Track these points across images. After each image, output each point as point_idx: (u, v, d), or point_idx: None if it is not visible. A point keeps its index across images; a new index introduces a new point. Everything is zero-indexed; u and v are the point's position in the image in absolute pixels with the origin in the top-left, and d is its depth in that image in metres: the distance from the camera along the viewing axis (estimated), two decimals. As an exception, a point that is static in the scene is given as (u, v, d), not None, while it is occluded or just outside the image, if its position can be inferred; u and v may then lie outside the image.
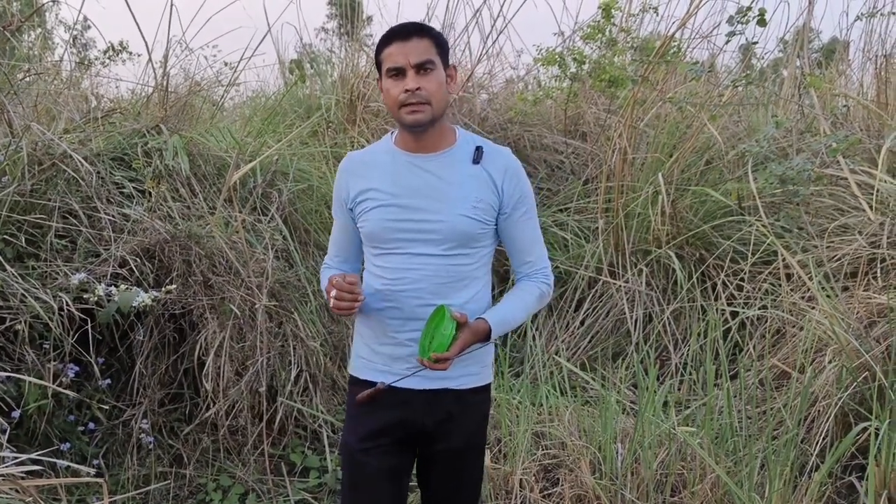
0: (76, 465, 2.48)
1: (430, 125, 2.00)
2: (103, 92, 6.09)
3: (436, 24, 5.97)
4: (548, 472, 3.21)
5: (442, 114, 2.03)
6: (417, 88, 1.93)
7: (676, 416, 3.33)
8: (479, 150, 2.08)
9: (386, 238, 2.05)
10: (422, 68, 1.95)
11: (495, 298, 2.21)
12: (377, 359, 2.12)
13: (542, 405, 3.55)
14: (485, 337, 2.01)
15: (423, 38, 1.97)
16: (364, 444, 2.13)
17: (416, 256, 2.03)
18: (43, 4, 6.03)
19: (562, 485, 3.07)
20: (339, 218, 2.21)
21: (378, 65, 2.04)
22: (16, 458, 2.53)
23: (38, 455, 2.38)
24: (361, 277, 2.18)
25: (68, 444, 3.36)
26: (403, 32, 1.97)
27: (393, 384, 2.04)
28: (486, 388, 2.21)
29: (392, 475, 2.16)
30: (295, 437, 3.87)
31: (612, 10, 5.81)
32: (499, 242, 2.19)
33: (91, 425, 3.53)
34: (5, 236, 3.54)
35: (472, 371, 2.14)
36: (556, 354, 4.29)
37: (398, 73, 1.96)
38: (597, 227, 4.93)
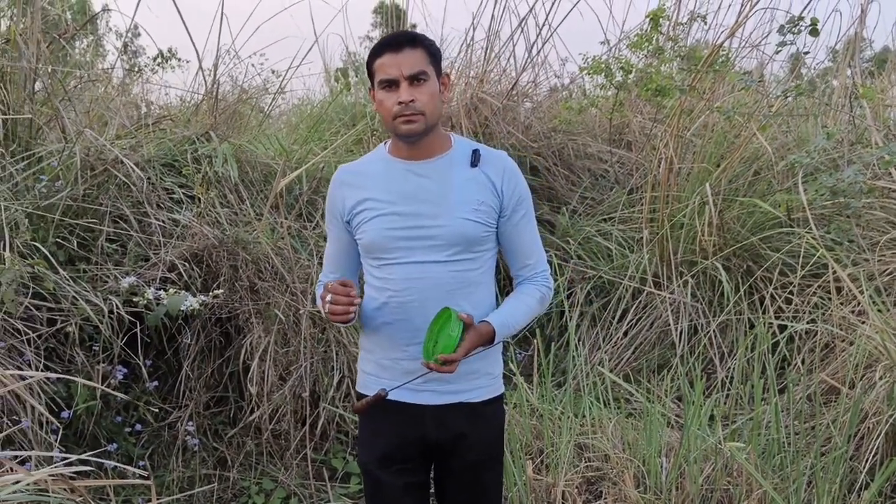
0: (124, 466, 2.52)
1: (425, 134, 1.98)
2: (153, 99, 6.22)
3: (481, 33, 5.98)
4: (591, 484, 3.18)
5: (436, 123, 2.01)
6: (411, 100, 1.92)
7: (722, 430, 3.28)
8: (476, 153, 2.06)
9: (387, 247, 2.01)
10: (415, 79, 1.93)
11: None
12: (385, 374, 2.09)
13: (584, 416, 3.52)
14: (489, 339, 1.99)
15: (415, 48, 1.94)
16: (381, 463, 2.13)
17: (421, 265, 2.00)
18: (97, 13, 6.17)
19: (605, 498, 3.04)
20: (334, 232, 2.17)
21: (370, 75, 2.01)
22: (64, 458, 2.58)
23: (87, 456, 2.42)
24: (362, 291, 2.16)
25: (115, 445, 3.42)
26: (395, 43, 1.94)
27: (396, 397, 1.99)
28: (499, 398, 2.18)
29: (412, 491, 2.16)
30: (337, 442, 3.89)
31: (660, 20, 5.76)
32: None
33: (138, 427, 3.59)
34: (58, 240, 3.62)
35: (483, 383, 2.11)
36: (599, 365, 4.25)
37: (391, 84, 1.93)
38: (641, 238, 4.88)
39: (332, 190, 2.13)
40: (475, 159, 2.05)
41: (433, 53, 1.99)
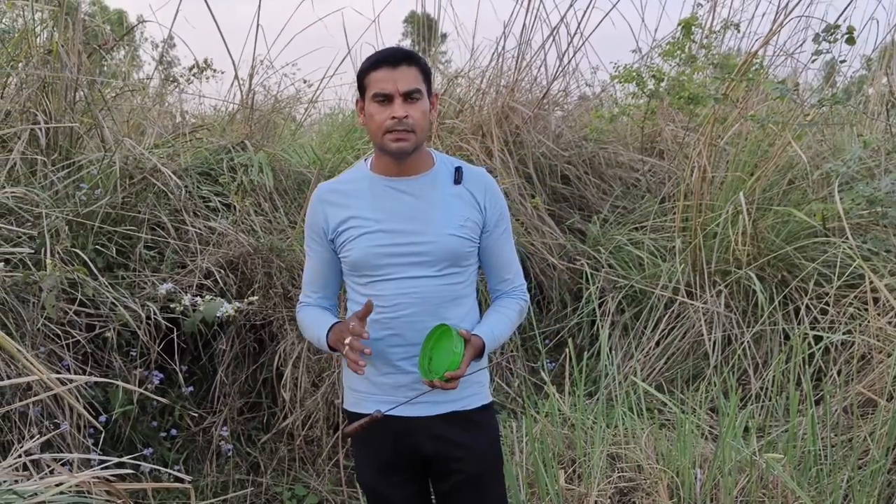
0: (163, 469, 2.55)
1: (413, 152, 2.00)
2: (188, 108, 6.31)
3: (512, 42, 5.99)
4: (623, 495, 3.16)
5: (423, 141, 2.02)
6: (405, 116, 1.93)
7: (757, 441, 3.25)
8: (458, 170, 2.08)
9: (375, 265, 2.02)
10: (409, 97, 1.94)
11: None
12: (376, 389, 2.08)
13: (617, 427, 3.51)
14: (480, 353, 2.01)
15: (411, 66, 1.96)
16: (379, 478, 2.15)
17: (410, 280, 2.01)
18: (136, 24, 6.28)
19: (638, 508, 3.03)
20: (316, 251, 2.15)
21: (361, 88, 2.01)
22: (102, 461, 2.62)
23: (124, 460, 2.47)
24: (344, 310, 2.17)
25: (151, 450, 3.47)
26: (392, 59, 1.95)
27: (388, 412, 1.99)
28: (490, 406, 2.19)
29: (415, 501, 2.19)
30: (368, 449, 3.90)
31: (693, 27, 5.74)
32: None
33: (173, 431, 3.63)
34: (97, 247, 3.69)
35: (473, 391, 2.12)
36: (631, 375, 4.23)
37: (385, 98, 1.94)
38: (673, 247, 4.85)
39: (313, 208, 2.13)
40: (458, 177, 2.08)
41: (426, 73, 2.01)
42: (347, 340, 1.91)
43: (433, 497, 2.27)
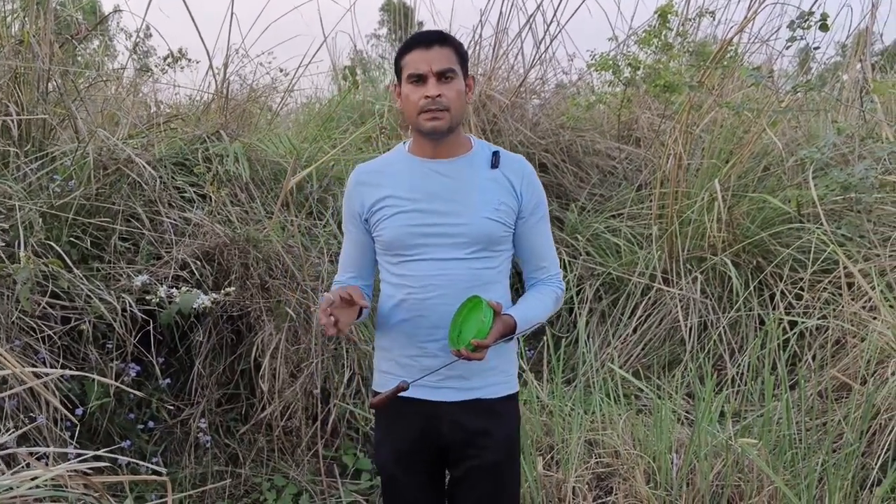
0: (139, 462, 2.54)
1: (448, 133, 2.01)
2: (162, 98, 6.24)
3: (489, 31, 5.99)
4: (601, 480, 3.19)
5: (459, 122, 2.04)
6: (438, 95, 1.94)
7: (733, 426, 3.28)
8: (496, 154, 2.09)
9: (408, 244, 2.03)
10: (443, 76, 1.96)
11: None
12: (403, 371, 2.10)
13: (594, 413, 3.53)
14: (510, 331, 2.00)
15: (444, 46, 1.98)
16: (397, 461, 2.15)
17: (441, 262, 2.02)
18: (109, 14, 6.20)
19: (615, 494, 3.05)
20: (351, 232, 2.19)
21: (398, 72, 2.04)
22: (79, 454, 2.61)
23: (101, 452, 2.45)
24: (378, 290, 2.18)
25: (129, 442, 3.45)
26: (426, 40, 1.98)
27: (415, 383, 2.00)
28: (514, 397, 2.19)
29: (427, 489, 2.19)
30: (347, 439, 3.91)
31: (669, 15, 5.75)
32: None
33: (150, 424, 3.62)
34: (72, 239, 3.65)
35: (499, 380, 2.13)
36: (608, 362, 4.26)
37: (419, 79, 1.96)
38: (650, 234, 4.88)
39: (350, 190, 2.15)
40: (495, 161, 2.09)
41: (462, 54, 2.03)
42: (321, 303, 1.88)
43: (447, 484, 2.28)
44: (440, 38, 1.99)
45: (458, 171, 2.06)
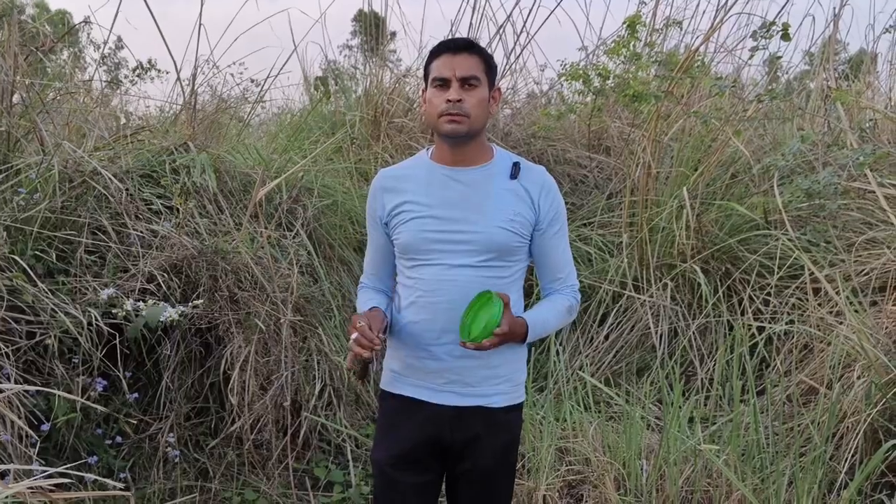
0: (103, 479, 2.51)
1: (468, 139, 2.03)
2: (132, 110, 6.20)
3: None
4: (572, 487, 3.20)
5: (480, 130, 2.05)
6: (459, 100, 1.97)
7: (702, 432, 3.31)
8: (516, 165, 2.11)
9: (422, 249, 2.06)
10: (466, 82, 1.99)
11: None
12: (409, 373, 2.13)
13: (565, 421, 3.54)
14: (521, 334, 2.02)
15: (472, 54, 2.02)
16: (394, 461, 2.15)
17: (452, 268, 2.04)
18: (75, 25, 6.14)
19: (586, 501, 3.06)
20: (374, 236, 2.23)
21: (426, 75, 2.08)
22: (44, 470, 2.56)
23: (66, 468, 2.41)
24: (395, 292, 2.20)
25: (96, 458, 3.40)
26: (454, 46, 2.02)
27: (413, 390, 2.09)
28: (518, 407, 2.20)
29: (422, 490, 2.18)
30: (319, 451, 3.88)
31: (637, 26, 5.81)
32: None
33: (118, 439, 3.57)
34: (37, 252, 3.60)
35: (504, 389, 2.13)
36: (579, 370, 4.27)
37: (443, 83, 2.00)
38: (621, 242, 4.91)
39: (372, 195, 2.19)
40: (515, 171, 2.10)
41: (490, 65, 2.06)
42: (354, 336, 1.92)
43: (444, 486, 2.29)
44: (468, 46, 2.03)
45: (476, 180, 2.08)
